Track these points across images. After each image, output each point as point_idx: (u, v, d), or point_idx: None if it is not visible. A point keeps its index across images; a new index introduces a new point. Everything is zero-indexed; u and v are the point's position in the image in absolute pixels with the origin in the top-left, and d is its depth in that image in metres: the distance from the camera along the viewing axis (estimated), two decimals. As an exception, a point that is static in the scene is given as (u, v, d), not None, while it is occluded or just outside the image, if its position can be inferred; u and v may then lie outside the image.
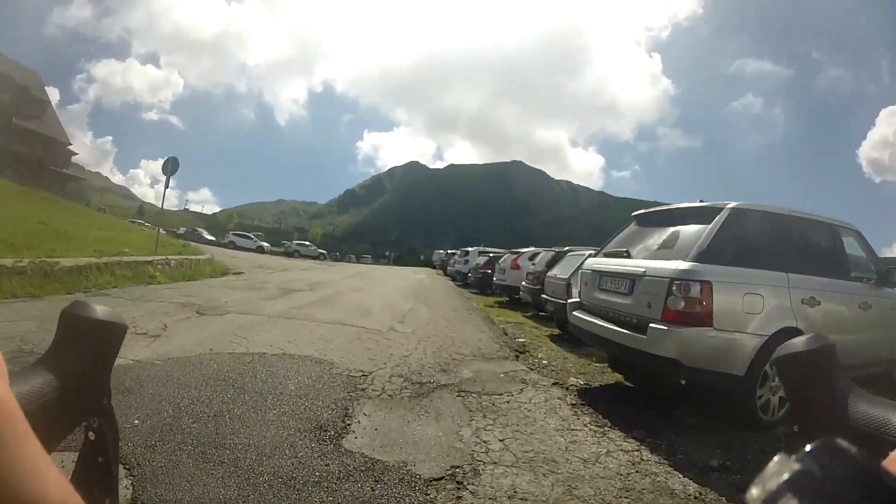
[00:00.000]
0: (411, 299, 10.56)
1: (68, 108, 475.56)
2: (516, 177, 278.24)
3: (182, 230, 45.48)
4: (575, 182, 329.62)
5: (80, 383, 0.35)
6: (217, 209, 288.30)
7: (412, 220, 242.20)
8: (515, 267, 12.00)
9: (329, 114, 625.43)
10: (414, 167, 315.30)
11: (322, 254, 40.59)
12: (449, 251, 29.58)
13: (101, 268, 7.50)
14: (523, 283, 10.06)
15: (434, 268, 40.52)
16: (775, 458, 0.19)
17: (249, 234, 40.62)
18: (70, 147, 58.99)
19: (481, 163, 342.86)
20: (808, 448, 0.18)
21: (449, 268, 23.76)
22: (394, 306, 8.78)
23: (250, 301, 7.42)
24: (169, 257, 10.36)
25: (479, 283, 15.30)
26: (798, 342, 0.38)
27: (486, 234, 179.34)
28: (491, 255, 16.43)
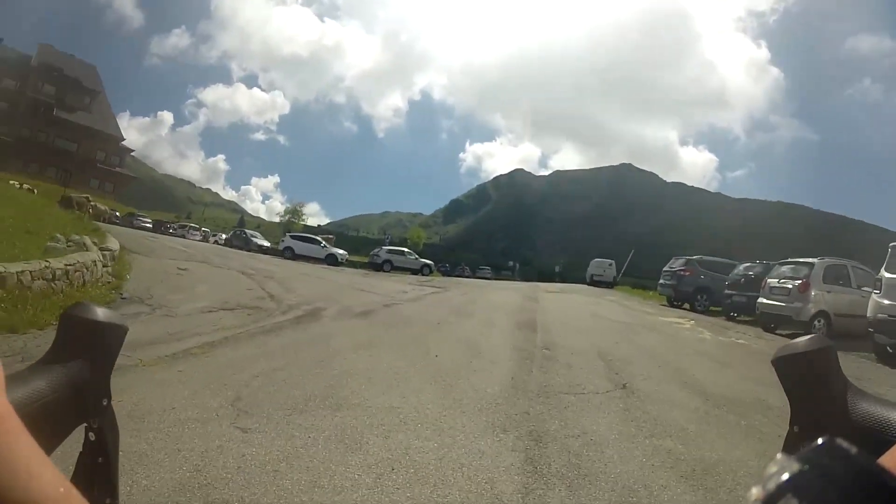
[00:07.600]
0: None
1: (179, 130, 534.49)
2: (626, 180, 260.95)
3: (230, 232, 38.49)
4: (689, 184, 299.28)
5: (80, 384, 0.35)
6: (326, 221, 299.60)
7: (519, 228, 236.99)
8: None
9: (429, 122, 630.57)
10: (518, 175, 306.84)
11: (427, 266, 27.81)
12: (688, 260, 14.83)
13: None
14: None
15: (593, 283, 27.31)
16: (775, 459, 0.19)
17: (317, 238, 27.98)
18: (124, 143, 53.90)
19: (588, 167, 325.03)
20: (808, 448, 0.18)
21: (764, 300, 10.39)
22: None
23: None
24: None
25: None
26: (798, 343, 0.38)
27: (598, 242, 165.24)
28: None
